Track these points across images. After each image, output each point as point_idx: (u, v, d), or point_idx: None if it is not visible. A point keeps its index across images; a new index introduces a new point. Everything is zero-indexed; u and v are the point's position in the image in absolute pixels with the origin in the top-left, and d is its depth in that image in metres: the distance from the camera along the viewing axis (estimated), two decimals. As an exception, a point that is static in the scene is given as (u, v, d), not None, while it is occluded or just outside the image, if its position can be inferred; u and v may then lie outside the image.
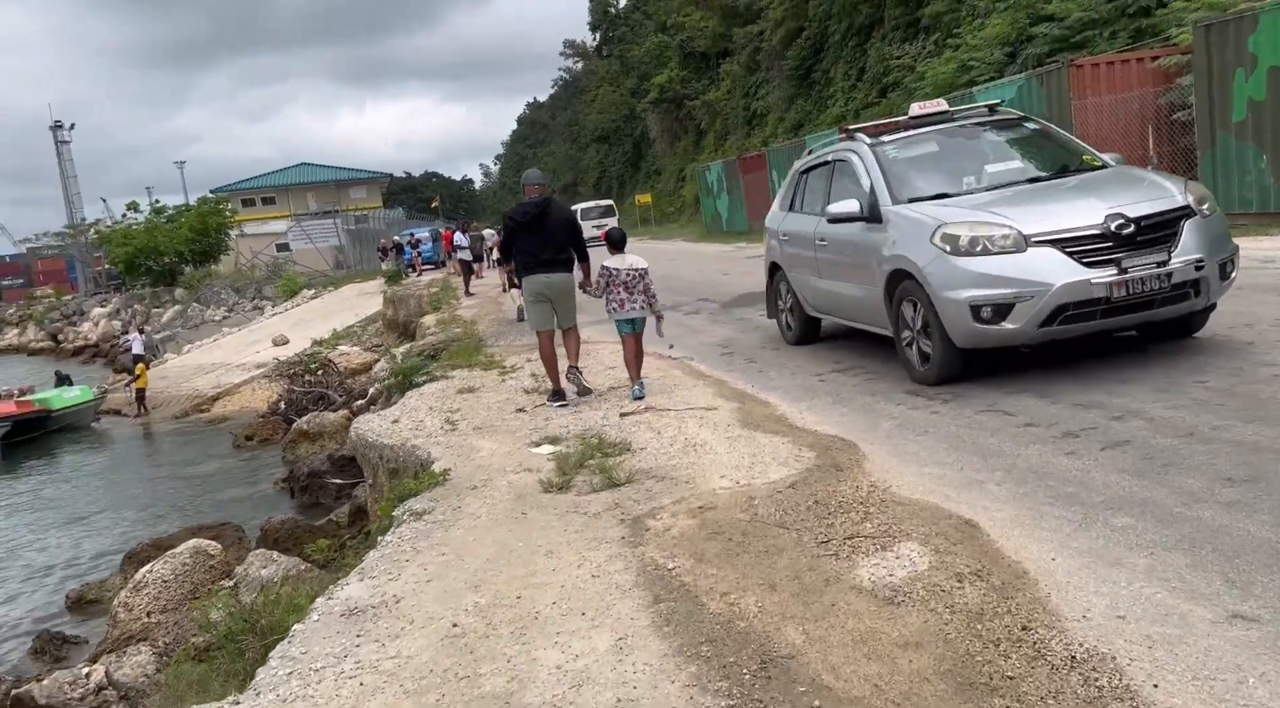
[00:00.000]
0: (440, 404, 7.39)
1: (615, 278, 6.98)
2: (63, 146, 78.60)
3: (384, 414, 7.28)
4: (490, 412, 6.84)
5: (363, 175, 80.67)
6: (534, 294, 7.05)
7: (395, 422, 6.88)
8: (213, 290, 37.75)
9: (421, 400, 7.72)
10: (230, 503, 13.88)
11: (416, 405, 7.47)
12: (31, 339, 54.64)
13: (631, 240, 28.48)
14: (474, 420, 6.56)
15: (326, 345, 26.29)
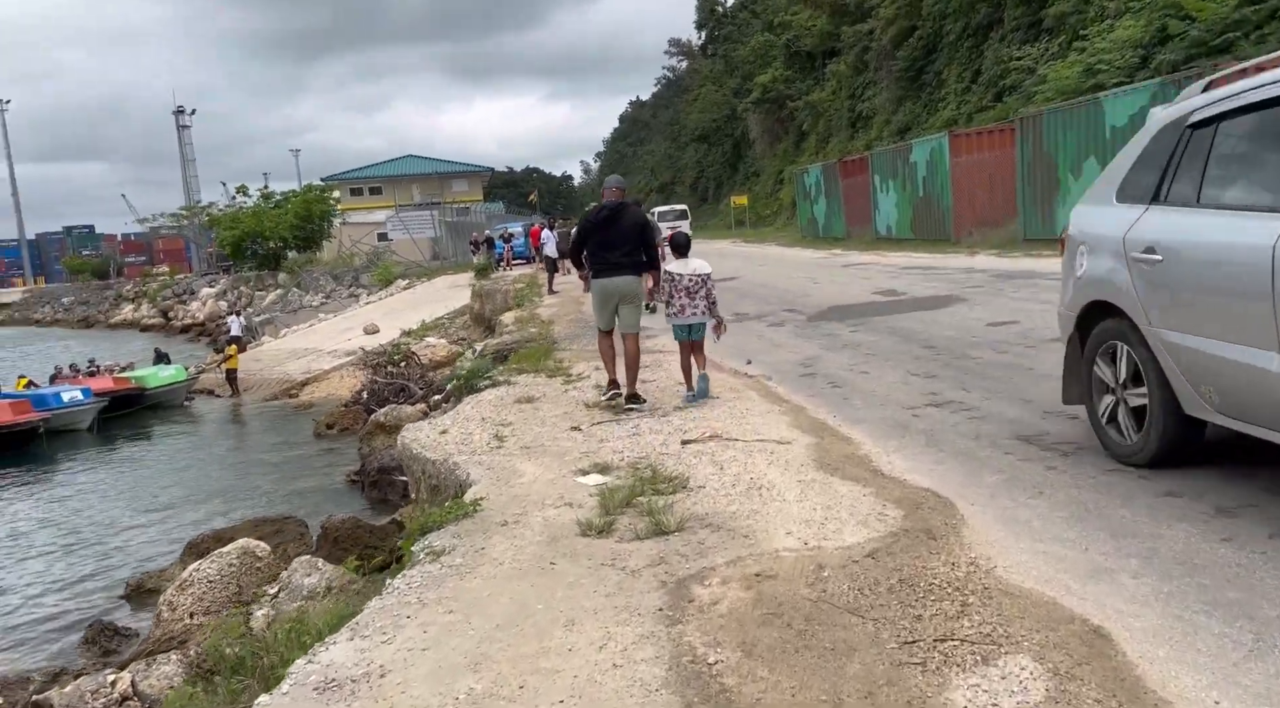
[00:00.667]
0: (494, 415, 6.87)
1: (677, 283, 6.90)
2: (183, 131, 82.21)
3: (434, 422, 6.80)
4: (543, 428, 6.26)
5: (465, 168, 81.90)
6: (601, 296, 7.04)
7: (443, 432, 6.38)
8: (312, 276, 38.57)
9: (477, 409, 7.21)
10: (301, 494, 13.76)
11: (470, 415, 6.97)
12: (145, 315, 57.10)
13: (723, 243, 27.93)
14: (524, 438, 6.00)
15: (414, 337, 26.37)
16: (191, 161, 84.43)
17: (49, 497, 15.05)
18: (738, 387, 7.25)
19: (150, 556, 11.37)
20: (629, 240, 6.92)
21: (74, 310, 69.02)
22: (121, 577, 10.48)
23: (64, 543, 12.03)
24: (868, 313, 11.15)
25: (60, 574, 10.72)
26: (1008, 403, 5.81)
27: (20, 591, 10.29)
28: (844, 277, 16.54)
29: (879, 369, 7.48)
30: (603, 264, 6.93)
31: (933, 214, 24.08)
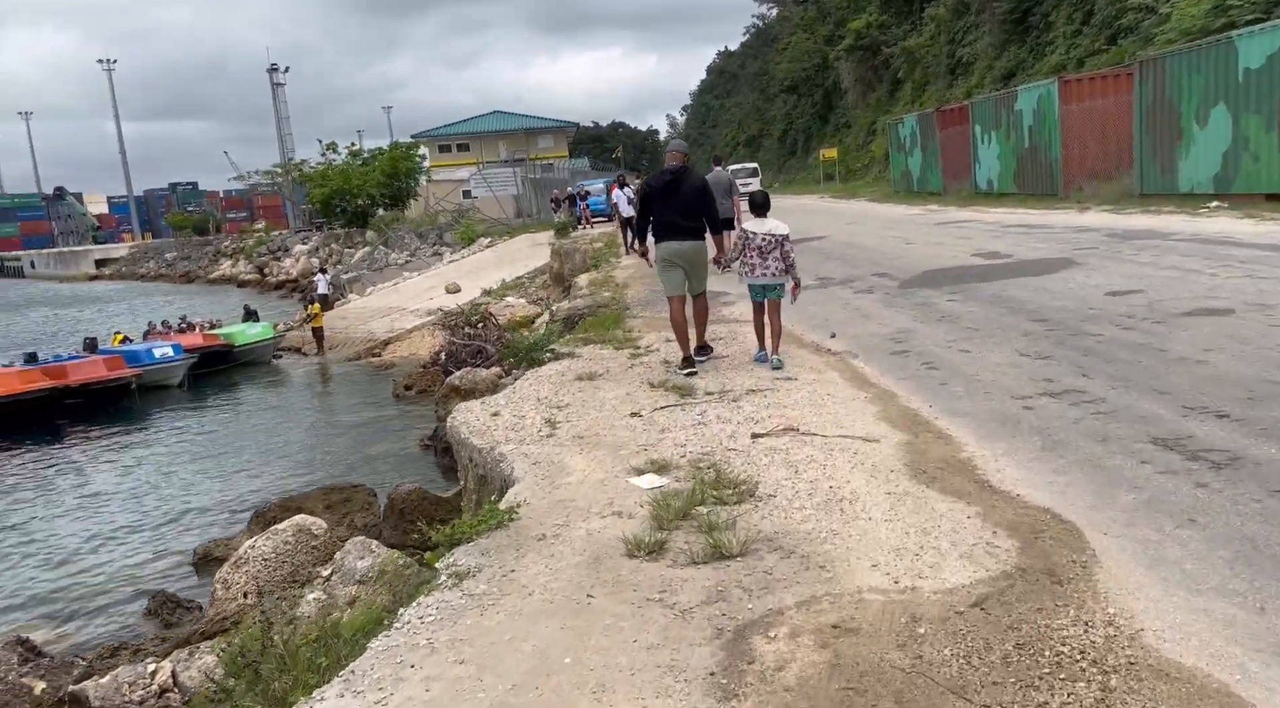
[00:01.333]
0: (551, 395, 6.32)
1: (751, 241, 6.85)
2: (277, 88, 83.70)
3: (486, 403, 6.30)
4: (601, 412, 5.68)
5: (551, 124, 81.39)
6: (665, 261, 6.95)
7: (495, 415, 5.87)
8: (397, 235, 38.79)
9: (535, 386, 6.68)
10: (374, 459, 13.62)
11: (526, 393, 6.44)
12: (241, 271, 58.74)
13: (810, 198, 26.56)
14: (578, 424, 5.43)
15: (494, 296, 26.23)
16: (286, 119, 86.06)
17: (134, 454, 15.30)
18: (818, 365, 6.54)
19: (223, 519, 11.34)
20: (691, 205, 6.89)
21: (176, 266, 71.60)
22: (193, 542, 10.45)
23: (143, 503, 12.12)
24: (967, 278, 10.20)
25: (135, 536, 10.75)
26: (1139, 394, 4.96)
27: (96, 551, 10.34)
28: (940, 236, 15.43)
29: (982, 347, 6.64)
30: (666, 229, 6.88)
31: (1039, 166, 22.48)
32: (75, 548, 10.45)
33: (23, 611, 8.78)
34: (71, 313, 46.08)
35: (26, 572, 9.81)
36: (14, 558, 10.25)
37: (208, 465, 14.10)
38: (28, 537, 10.97)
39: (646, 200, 7.05)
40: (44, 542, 10.79)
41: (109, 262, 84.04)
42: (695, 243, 6.94)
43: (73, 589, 9.23)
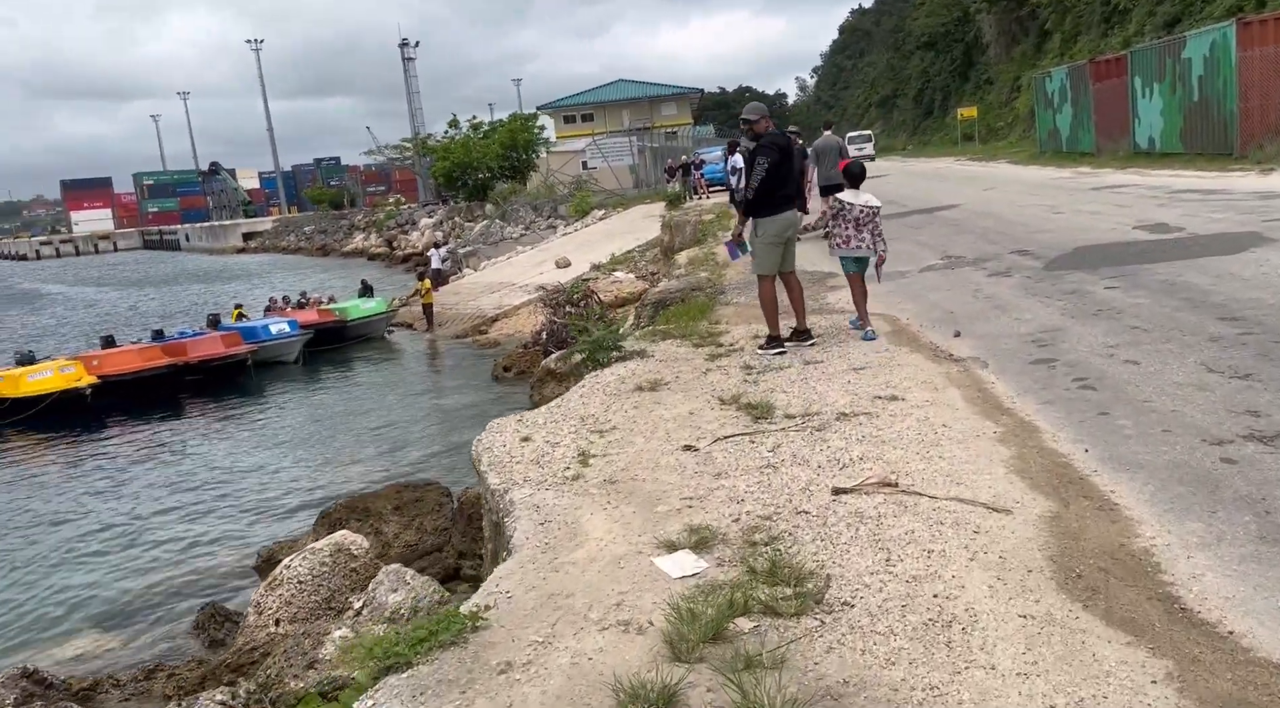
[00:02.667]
0: (600, 413, 5.24)
1: (846, 213, 6.74)
2: (408, 63, 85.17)
3: (524, 421, 5.27)
4: (650, 441, 4.56)
5: (674, 91, 79.90)
6: (776, 234, 6.46)
7: (525, 440, 4.83)
8: (513, 207, 38.46)
9: (584, 399, 5.62)
10: (460, 448, 12.88)
11: (571, 409, 5.38)
12: (372, 245, 60.16)
13: (945, 161, 24.20)
14: (618, 459, 4.33)
15: (603, 271, 25.40)
16: (416, 93, 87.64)
17: (236, 435, 15.20)
18: (935, 378, 5.19)
19: (303, 513, 10.87)
20: (794, 172, 6.74)
21: (313, 239, 74.19)
22: (266, 537, 9.97)
23: (228, 490, 11.80)
24: (1129, 258, 8.48)
25: (210, 528, 10.37)
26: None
27: (169, 544, 10.01)
28: (1094, 203, 13.44)
29: (1155, 357, 5.14)
30: (782, 199, 6.43)
31: (1211, 122, 19.71)
32: (148, 540, 10.16)
33: (79, 611, 8.44)
34: (217, 287, 48.13)
35: (95, 565, 9.54)
36: (87, 548, 10.03)
37: (300, 450, 13.77)
38: (107, 524, 10.79)
39: (776, 166, 6.27)
40: (121, 530, 10.56)
41: (255, 235, 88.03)
42: (797, 213, 6.75)
43: (133, 589, 8.85)
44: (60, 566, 9.60)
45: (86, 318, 36.57)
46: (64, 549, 10.09)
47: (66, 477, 13.44)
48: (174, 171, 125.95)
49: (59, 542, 10.37)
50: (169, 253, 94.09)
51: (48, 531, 10.88)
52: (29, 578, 9.31)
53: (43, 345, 26.28)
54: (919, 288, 8.57)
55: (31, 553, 10.12)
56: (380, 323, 24.34)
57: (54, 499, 12.25)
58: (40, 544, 10.37)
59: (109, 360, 18.83)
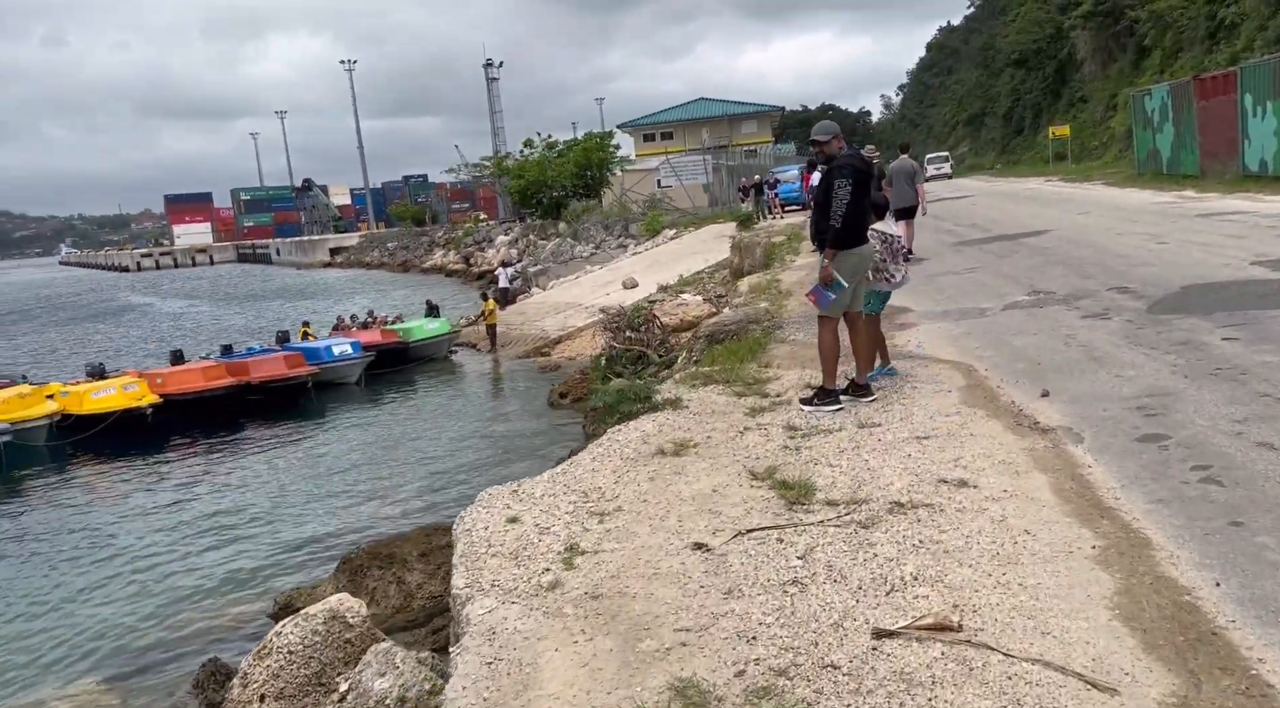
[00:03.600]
0: (609, 486, 4.47)
1: (895, 244, 6.30)
2: (492, 83, 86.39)
3: (520, 492, 4.53)
4: (656, 534, 3.77)
5: (755, 109, 79.13)
6: (854, 271, 5.67)
7: (513, 521, 4.10)
8: (584, 226, 38.07)
9: (594, 466, 4.85)
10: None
11: (577, 480, 4.62)
12: (450, 261, 60.68)
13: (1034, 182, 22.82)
14: (611, 560, 3.55)
15: (670, 292, 24.72)
16: (499, 112, 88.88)
17: (284, 460, 14.88)
18: (1016, 457, 4.27)
19: (332, 548, 10.34)
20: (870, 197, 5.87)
21: (395, 255, 75.40)
22: (289, 580, 9.45)
23: (260, 524, 11.37)
24: (1249, 301, 7.34)
25: (236, 567, 9.90)
26: None
27: (189, 582, 9.55)
28: (1202, 233, 12.13)
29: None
30: (860, 230, 5.68)
31: (1336, 142, 18.01)
32: (172, 575, 9.73)
33: (84, 654, 8.02)
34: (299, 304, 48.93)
35: (112, 600, 9.14)
36: (108, 580, 9.66)
37: (346, 480, 13.29)
38: (135, 555, 10.44)
39: (860, 188, 5.56)
40: (148, 561, 10.18)
41: (341, 250, 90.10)
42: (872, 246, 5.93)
43: (145, 631, 8.40)
44: (77, 599, 9.23)
45: (168, 331, 37.44)
46: (85, 580, 9.75)
47: (108, 500, 13.26)
48: (270, 188, 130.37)
49: (82, 571, 10.05)
50: (260, 266, 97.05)
51: (74, 559, 10.59)
52: (43, 610, 8.97)
53: (122, 359, 26.80)
54: (1000, 330, 7.58)
55: (51, 582, 9.82)
56: (443, 344, 24.04)
57: (89, 525, 12.02)
58: (62, 574, 10.08)
59: (172, 379, 18.85)
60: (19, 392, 17.63)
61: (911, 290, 10.35)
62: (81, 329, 41.50)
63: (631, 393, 6.26)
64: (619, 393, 6.33)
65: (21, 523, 12.58)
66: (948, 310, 8.77)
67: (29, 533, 12.06)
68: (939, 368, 6.45)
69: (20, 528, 12.33)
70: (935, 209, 26.40)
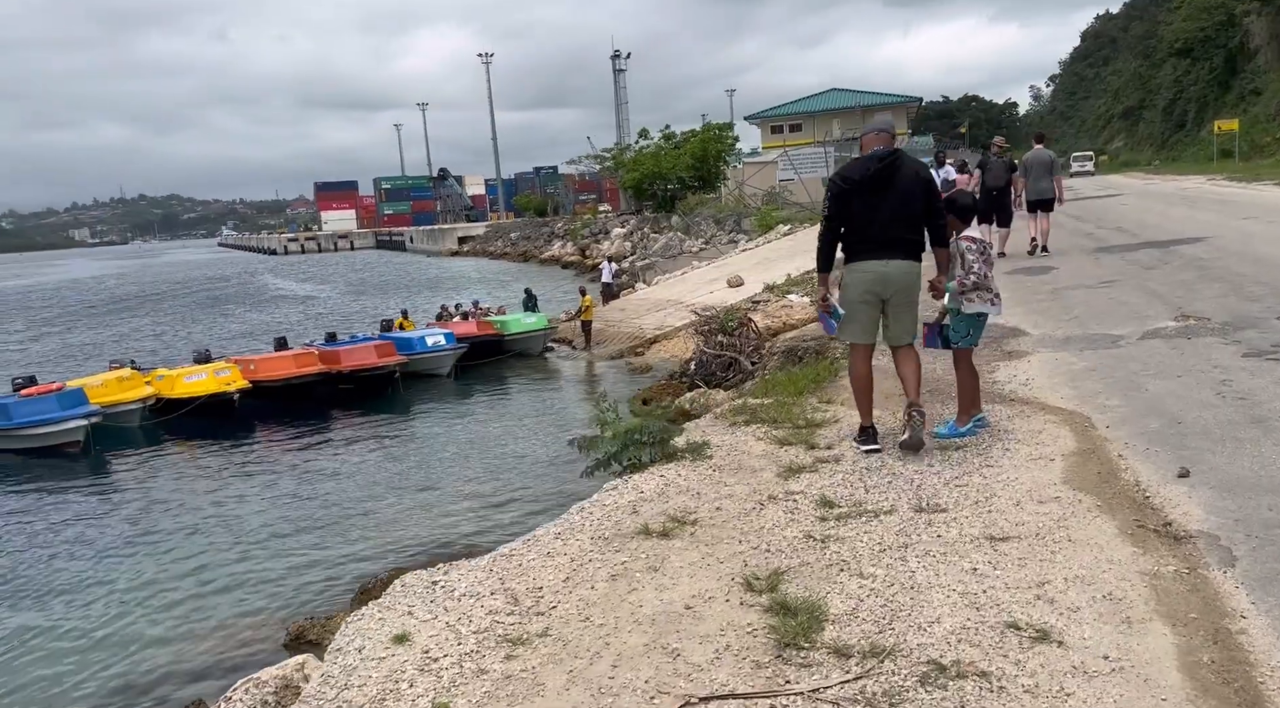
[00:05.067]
0: (551, 588, 3.36)
1: (987, 254, 4.98)
2: (618, 74, 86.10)
3: (438, 587, 3.46)
4: (572, 686, 2.62)
5: (890, 100, 75.90)
6: (862, 290, 4.96)
7: (400, 639, 3.04)
8: (695, 220, 36.87)
9: (553, 544, 3.74)
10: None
11: (514, 570, 3.53)
12: (566, 252, 60.60)
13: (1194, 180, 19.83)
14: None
15: (777, 292, 23.29)
16: (625, 104, 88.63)
17: (349, 459, 14.38)
18: (1129, 588, 2.92)
19: (371, 564, 9.62)
20: (908, 206, 4.83)
21: (517, 245, 76.15)
22: (317, 600, 8.76)
23: (304, 532, 10.75)
24: None
25: (263, 582, 9.26)
26: None
27: (211, 596, 8.97)
28: None
29: None
30: (868, 242, 4.90)
31: None
32: (194, 587, 9.19)
33: (77, 681, 7.48)
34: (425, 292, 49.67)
35: (124, 614, 8.63)
36: (126, 590, 9.18)
37: (406, 484, 12.61)
38: (165, 561, 9.99)
39: (842, 201, 4.95)
40: (175, 570, 9.70)
41: (468, 239, 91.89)
42: (908, 264, 4.88)
43: (150, 657, 7.83)
44: (88, 613, 8.76)
45: (290, 316, 38.40)
46: (104, 588, 9.30)
47: (167, 490, 13.01)
48: (409, 177, 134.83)
49: (103, 577, 9.62)
50: (394, 253, 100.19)
51: (107, 554, 10.24)
52: (47, 622, 8.53)
53: (236, 344, 27.40)
54: (1135, 368, 6.04)
55: (80, 579, 9.44)
56: (539, 339, 23.37)
57: (136, 516, 11.74)
58: (91, 570, 9.70)
59: (264, 365, 18.85)
60: (119, 375, 17.93)
61: (1032, 306, 8.80)
62: (214, 312, 43.20)
63: (644, 435, 5.13)
64: (627, 435, 5.20)
65: (72, 509, 12.44)
66: (1071, 337, 7.21)
67: (74, 518, 11.87)
68: (1045, 420, 5.03)
69: (68, 514, 12.17)
70: (1078, 208, 23.94)
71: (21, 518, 12.48)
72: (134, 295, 54.50)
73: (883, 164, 4.80)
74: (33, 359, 28.32)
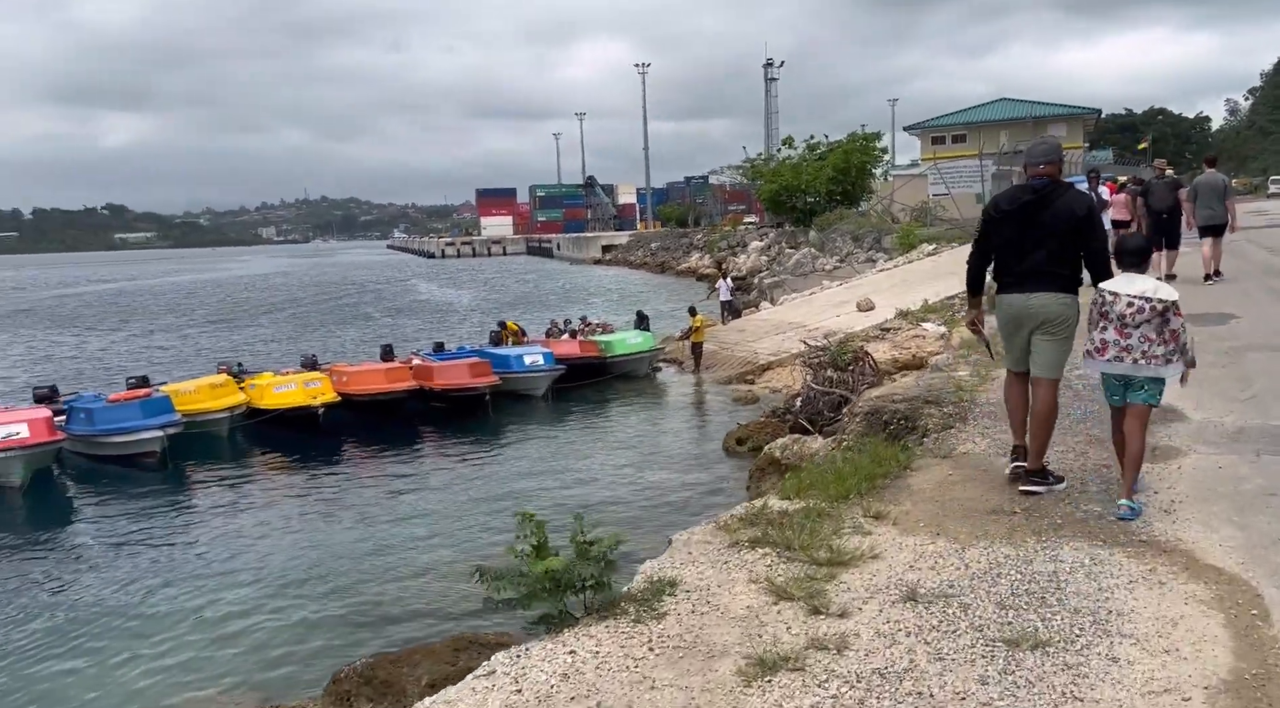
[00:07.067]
0: None
1: (1109, 307, 4.48)
2: (770, 83, 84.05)
3: None
4: None
5: (1064, 111, 70.69)
6: (1006, 320, 5.02)
7: None
8: (830, 237, 34.62)
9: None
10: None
11: None
12: (703, 265, 59.19)
13: None
14: None
15: (910, 319, 21.11)
16: (775, 114, 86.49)
17: (412, 490, 13.39)
18: None
19: (391, 629, 8.46)
20: (1056, 240, 4.72)
21: (656, 255, 75.41)
22: (303, 676, 7.62)
23: (326, 578, 9.70)
24: None
25: (257, 642, 8.21)
26: None
27: (189, 656, 8.02)
28: None
29: None
30: (1010, 275, 4.91)
31: None
32: (188, 635, 8.25)
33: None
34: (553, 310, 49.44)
35: (95, 661, 7.77)
36: (116, 635, 8.32)
37: (461, 525, 11.39)
38: (171, 591, 9.16)
39: (989, 230, 5.05)
40: (173, 605, 8.83)
41: (611, 248, 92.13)
42: (1051, 296, 4.76)
43: None
44: (69, 649, 7.94)
45: (418, 323, 38.63)
46: (97, 622, 8.50)
47: (219, 517, 12.33)
48: (563, 185, 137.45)
49: (105, 608, 8.85)
50: (540, 259, 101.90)
51: (117, 583, 9.49)
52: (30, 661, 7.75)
53: (356, 351, 27.37)
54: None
55: (74, 613, 8.69)
56: (644, 360, 22.02)
57: (173, 540, 11.08)
58: (90, 603, 8.94)
59: (355, 378, 18.33)
60: (212, 382, 17.77)
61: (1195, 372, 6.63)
62: (348, 316, 44.16)
63: (574, 578, 3.57)
64: (548, 577, 3.64)
65: (114, 528, 11.93)
66: (1245, 428, 5.16)
67: (109, 540, 11.31)
68: (1187, 595, 3.17)
69: (109, 534, 11.66)
70: (1268, 238, 20.57)
71: (61, 532, 12.15)
72: (283, 300, 56.80)
73: (1035, 196, 4.76)
74: (160, 358, 29.29)
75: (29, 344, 35.05)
